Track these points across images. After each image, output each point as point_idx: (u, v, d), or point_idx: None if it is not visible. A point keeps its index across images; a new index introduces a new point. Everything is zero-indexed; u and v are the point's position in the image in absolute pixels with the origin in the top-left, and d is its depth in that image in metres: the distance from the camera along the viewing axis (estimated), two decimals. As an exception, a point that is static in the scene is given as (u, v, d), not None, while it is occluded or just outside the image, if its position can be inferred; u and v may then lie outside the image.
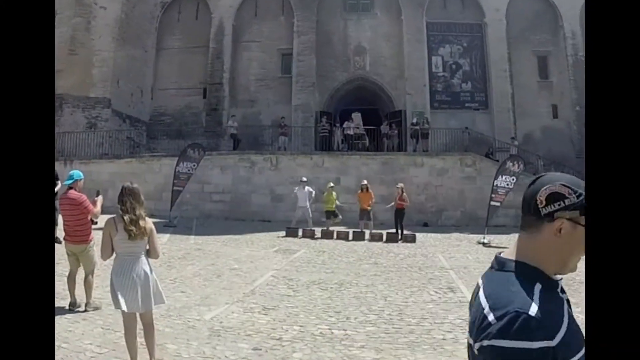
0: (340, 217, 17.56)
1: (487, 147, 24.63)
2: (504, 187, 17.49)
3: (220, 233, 16.39)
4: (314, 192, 17.68)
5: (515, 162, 17.83)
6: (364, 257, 12.81)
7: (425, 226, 20.51)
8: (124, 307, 4.82)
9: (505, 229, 17.78)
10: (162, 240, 14.17)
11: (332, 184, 17.82)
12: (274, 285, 9.09)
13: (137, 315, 4.98)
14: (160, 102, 28.29)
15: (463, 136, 25.19)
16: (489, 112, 27.18)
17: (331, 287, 8.98)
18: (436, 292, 8.87)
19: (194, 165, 19.12)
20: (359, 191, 17.24)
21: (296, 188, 17.65)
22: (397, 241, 15.91)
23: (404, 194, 16.83)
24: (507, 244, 15.47)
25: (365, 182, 17.43)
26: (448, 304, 8.02)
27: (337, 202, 17.50)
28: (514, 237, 1.59)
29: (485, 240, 16.00)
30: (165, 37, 28.91)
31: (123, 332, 5.05)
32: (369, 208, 16.88)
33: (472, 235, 17.58)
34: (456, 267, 11.51)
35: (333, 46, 27.89)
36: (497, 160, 22.09)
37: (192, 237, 15.43)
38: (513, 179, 17.46)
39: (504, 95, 27.12)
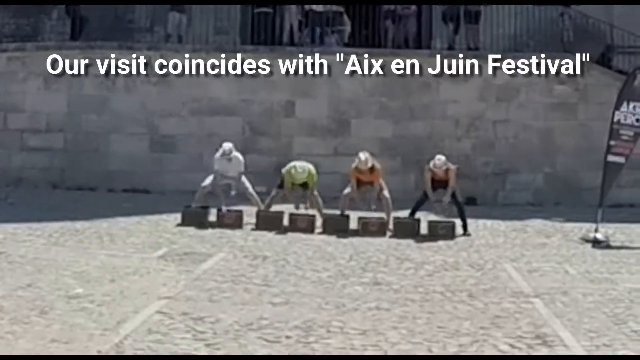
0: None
1: (600, 45, 24.92)
2: (632, 126, 17.63)
3: (46, 217, 16.61)
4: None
5: (649, 76, 18.26)
6: (351, 269, 13.07)
7: (473, 204, 20.76)
8: None
9: (637, 212, 17.81)
10: None
11: (308, 166, 17.45)
12: (163, 333, 8.80)
13: None
14: None
15: (552, 21, 25.21)
16: (602, -25, 27.22)
17: (288, 338, 8.77)
18: (512, 346, 8.80)
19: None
20: (353, 169, 17.23)
21: (217, 154, 17.75)
22: (415, 235, 16.44)
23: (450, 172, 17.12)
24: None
25: (366, 156, 17.06)
26: (541, 374, 8.06)
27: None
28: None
29: (599, 236, 16.33)
30: None
31: None
32: (380, 188, 17.22)
33: (570, 225, 18.05)
34: (546, 293, 11.63)
35: None
36: (621, 72, 22.34)
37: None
38: (646, 110, 17.83)
39: None
